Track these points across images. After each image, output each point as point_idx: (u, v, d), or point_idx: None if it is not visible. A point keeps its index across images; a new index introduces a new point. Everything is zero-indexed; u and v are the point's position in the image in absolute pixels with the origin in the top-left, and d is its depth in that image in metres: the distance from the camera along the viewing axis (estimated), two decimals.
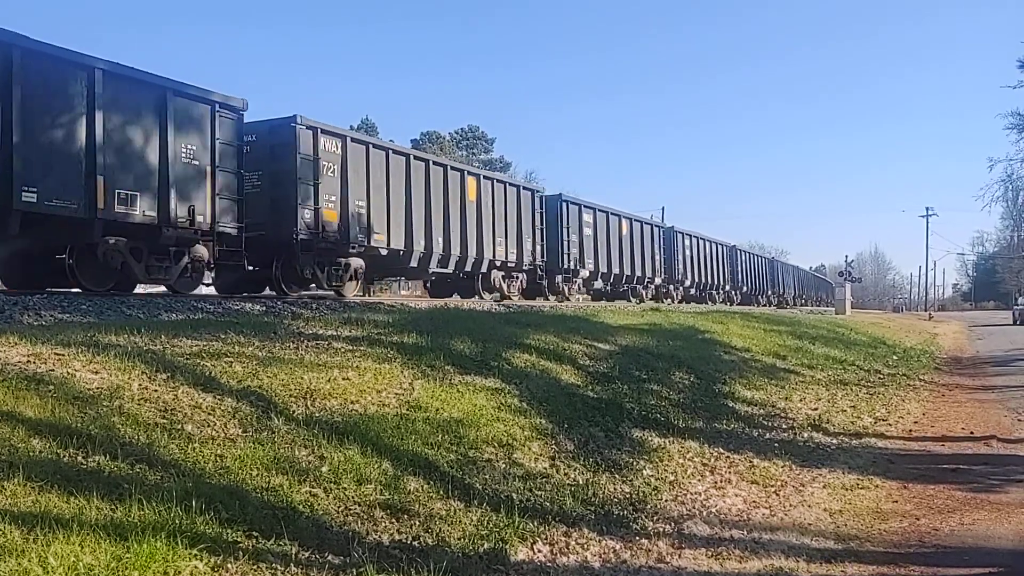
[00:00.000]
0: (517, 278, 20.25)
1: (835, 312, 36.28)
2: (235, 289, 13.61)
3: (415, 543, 4.05)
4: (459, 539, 4.20)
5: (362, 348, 6.99)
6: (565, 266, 22.33)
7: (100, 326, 6.45)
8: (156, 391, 4.82)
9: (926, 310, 65.24)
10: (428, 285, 20.87)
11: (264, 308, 10.55)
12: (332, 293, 14.33)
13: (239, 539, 3.49)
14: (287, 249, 13.35)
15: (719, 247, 36.04)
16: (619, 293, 26.66)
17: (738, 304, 34.92)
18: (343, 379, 5.90)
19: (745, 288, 39.28)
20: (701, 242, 33.67)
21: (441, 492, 4.62)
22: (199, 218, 11.25)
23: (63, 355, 5.11)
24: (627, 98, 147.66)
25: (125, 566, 3.01)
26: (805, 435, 8.44)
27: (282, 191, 13.23)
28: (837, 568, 4.65)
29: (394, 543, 3.99)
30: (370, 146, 15.29)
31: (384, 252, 15.34)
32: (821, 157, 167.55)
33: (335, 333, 7.58)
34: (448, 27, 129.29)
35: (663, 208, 79.38)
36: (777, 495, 6.15)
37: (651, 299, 27.28)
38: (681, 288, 31.31)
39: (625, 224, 26.52)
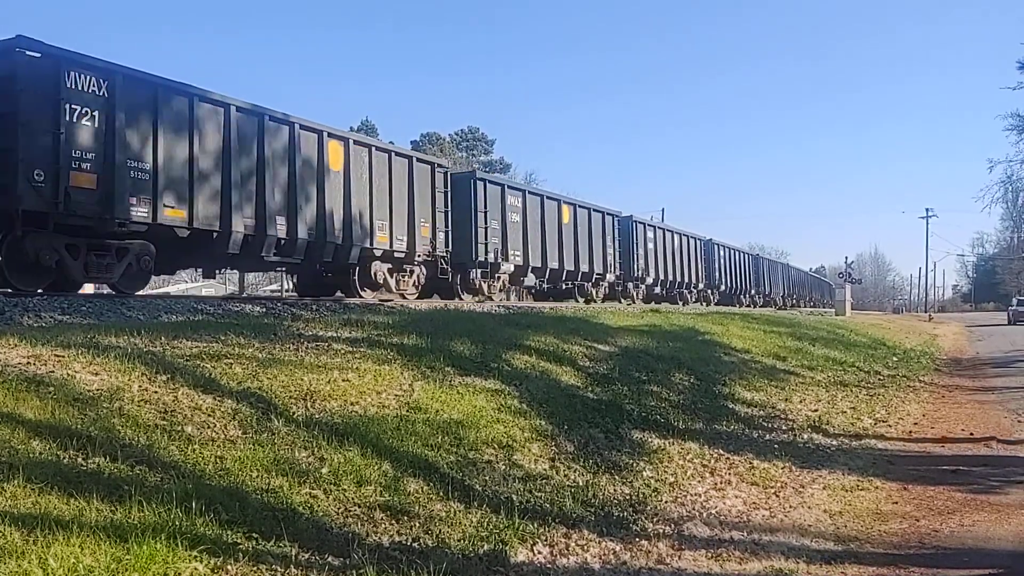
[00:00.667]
0: (411, 272, 16.40)
1: (835, 313, 36.26)
2: None
3: (415, 544, 4.05)
4: (459, 540, 4.20)
5: (362, 349, 6.99)
6: (480, 259, 18.73)
7: (100, 327, 6.45)
8: (156, 392, 4.82)
9: (926, 311, 65.25)
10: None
11: (264, 309, 10.55)
12: None
13: (239, 540, 3.49)
14: None
15: (692, 240, 32.22)
16: (560, 292, 22.90)
17: (715, 304, 31.99)
18: (343, 380, 5.90)
19: (723, 287, 35.72)
20: (668, 234, 29.97)
21: (441, 493, 4.62)
22: None
23: (63, 356, 5.10)
24: (627, 98, 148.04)
25: (125, 568, 3.01)
26: (805, 436, 8.44)
27: None
28: (837, 569, 4.65)
29: (394, 544, 3.99)
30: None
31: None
32: (821, 158, 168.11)
33: (335, 334, 7.58)
34: (448, 28, 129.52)
35: (663, 209, 79.52)
36: (777, 496, 6.15)
37: (603, 299, 24.09)
38: (643, 286, 27.32)
39: (567, 210, 22.51)
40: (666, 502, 5.62)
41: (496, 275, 19.40)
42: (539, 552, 4.37)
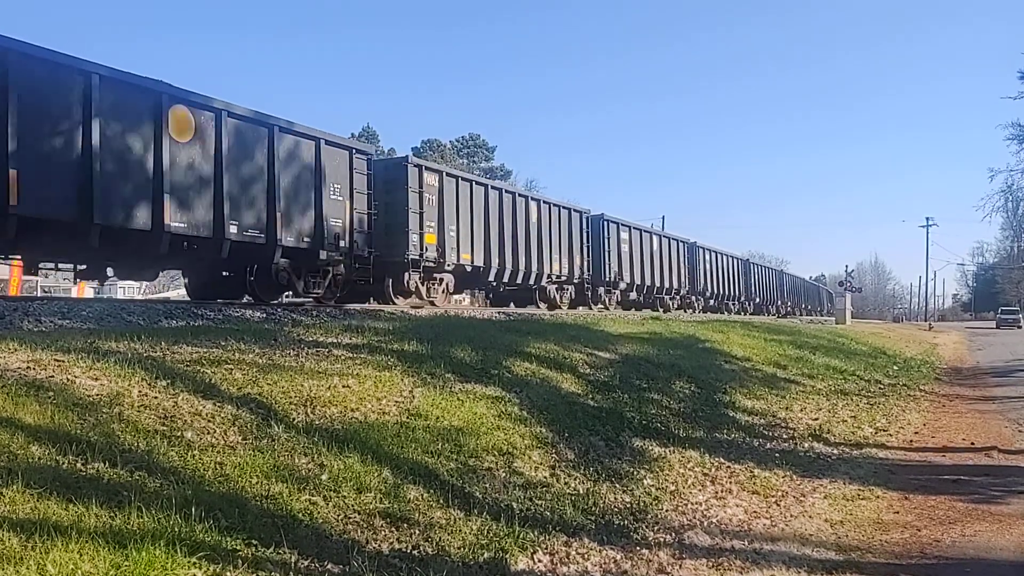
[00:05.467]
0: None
1: (835, 322, 36.25)
2: None
3: (415, 552, 4.03)
4: (459, 548, 4.18)
5: (362, 356, 6.98)
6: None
7: (100, 332, 6.44)
8: (156, 398, 4.81)
9: (926, 320, 65.18)
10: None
11: (265, 315, 10.54)
12: None
13: (238, 547, 3.48)
14: None
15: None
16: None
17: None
18: (343, 387, 5.89)
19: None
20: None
21: (441, 501, 4.61)
22: None
23: (63, 361, 5.10)
24: (628, 107, 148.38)
25: (124, 574, 3.00)
26: (806, 445, 8.42)
27: None
28: None
29: (394, 552, 3.98)
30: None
31: None
32: (822, 168, 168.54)
33: (335, 340, 7.57)
34: (449, 36, 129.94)
35: (663, 217, 79.37)
36: (778, 505, 6.13)
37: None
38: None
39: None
40: (667, 510, 5.60)
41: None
42: (539, 560, 4.35)
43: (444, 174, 16.74)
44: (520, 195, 19.98)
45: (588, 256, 23.01)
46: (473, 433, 5.69)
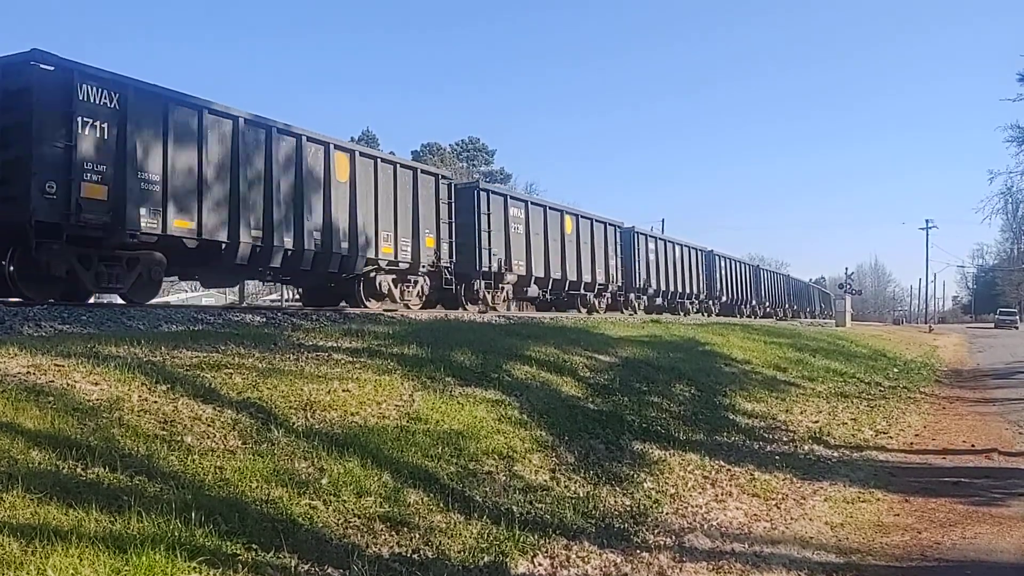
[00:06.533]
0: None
1: (835, 324, 36.23)
2: None
3: (415, 556, 4.03)
4: (459, 552, 4.18)
5: (362, 360, 6.98)
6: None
7: (100, 337, 6.45)
8: (156, 403, 4.81)
9: (926, 322, 65.20)
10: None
11: (264, 319, 10.54)
12: None
13: (238, 552, 3.48)
14: None
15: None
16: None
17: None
18: (343, 391, 5.89)
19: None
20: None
21: (441, 504, 4.61)
22: None
23: (63, 366, 5.10)
24: (627, 109, 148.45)
25: None
26: (806, 448, 8.42)
27: None
28: None
29: (394, 556, 3.98)
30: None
31: None
32: (822, 169, 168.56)
33: (335, 344, 7.57)
34: (449, 38, 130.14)
35: (663, 219, 79.08)
36: (778, 508, 6.13)
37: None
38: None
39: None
40: (667, 514, 5.60)
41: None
42: (540, 564, 4.35)
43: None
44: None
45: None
46: (473, 437, 5.69)
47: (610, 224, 25.15)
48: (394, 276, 15.77)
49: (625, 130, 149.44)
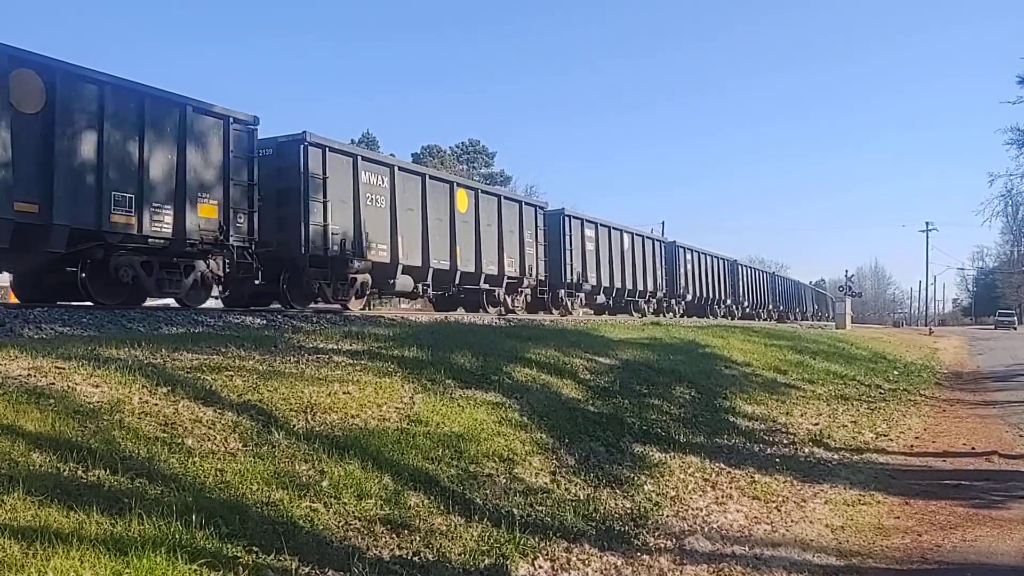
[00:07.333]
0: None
1: (835, 327, 36.26)
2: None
3: (415, 559, 4.03)
4: (460, 555, 4.18)
5: (363, 362, 6.98)
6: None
7: (101, 339, 6.45)
8: (157, 405, 4.82)
9: (926, 325, 65.19)
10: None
11: (265, 322, 10.55)
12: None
13: (239, 554, 3.48)
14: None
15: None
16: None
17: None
18: (343, 393, 5.89)
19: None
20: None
21: (442, 507, 4.61)
22: None
23: (64, 369, 5.10)
24: (627, 112, 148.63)
25: None
26: (806, 450, 8.42)
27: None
28: None
29: (394, 558, 3.98)
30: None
31: None
32: (822, 171, 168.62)
33: (336, 347, 7.57)
34: (449, 41, 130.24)
35: (663, 222, 78.98)
36: (779, 511, 6.13)
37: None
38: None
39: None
40: (667, 516, 5.59)
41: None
42: (540, 567, 4.35)
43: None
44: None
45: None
46: (473, 439, 5.70)
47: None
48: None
49: (625, 132, 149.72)
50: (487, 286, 18.87)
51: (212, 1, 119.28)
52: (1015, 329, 58.64)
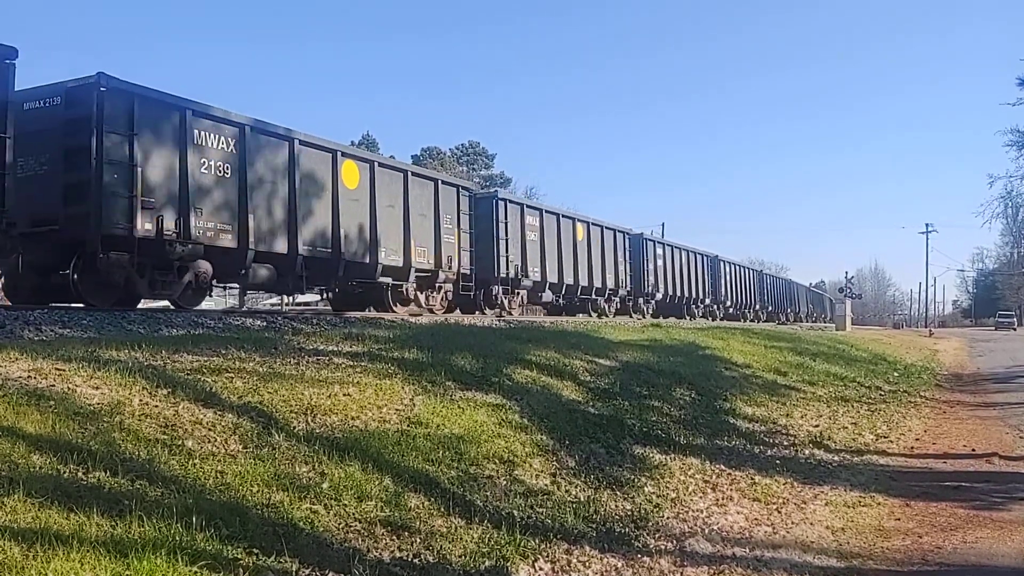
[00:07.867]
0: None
1: (835, 328, 36.28)
2: None
3: (416, 560, 4.03)
4: (460, 556, 4.18)
5: (363, 364, 6.98)
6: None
7: (101, 341, 6.45)
8: (157, 407, 4.82)
9: (926, 326, 65.21)
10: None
11: (265, 323, 10.55)
12: None
13: (239, 556, 3.48)
14: None
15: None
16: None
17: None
18: (344, 395, 5.89)
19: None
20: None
21: (442, 509, 4.61)
22: None
23: (64, 370, 5.10)
24: (627, 113, 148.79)
25: None
26: (807, 452, 8.42)
27: None
28: None
29: (395, 560, 3.97)
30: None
31: None
32: (822, 172, 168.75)
33: (336, 348, 7.58)
34: (450, 43, 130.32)
35: (663, 224, 78.72)
36: (779, 512, 6.12)
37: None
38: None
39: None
40: (668, 518, 5.59)
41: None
42: (540, 569, 4.35)
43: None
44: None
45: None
46: (474, 441, 5.69)
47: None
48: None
49: (625, 132, 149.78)
50: (389, 279, 15.36)
51: (212, 1, 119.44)
52: (1015, 330, 59.05)
